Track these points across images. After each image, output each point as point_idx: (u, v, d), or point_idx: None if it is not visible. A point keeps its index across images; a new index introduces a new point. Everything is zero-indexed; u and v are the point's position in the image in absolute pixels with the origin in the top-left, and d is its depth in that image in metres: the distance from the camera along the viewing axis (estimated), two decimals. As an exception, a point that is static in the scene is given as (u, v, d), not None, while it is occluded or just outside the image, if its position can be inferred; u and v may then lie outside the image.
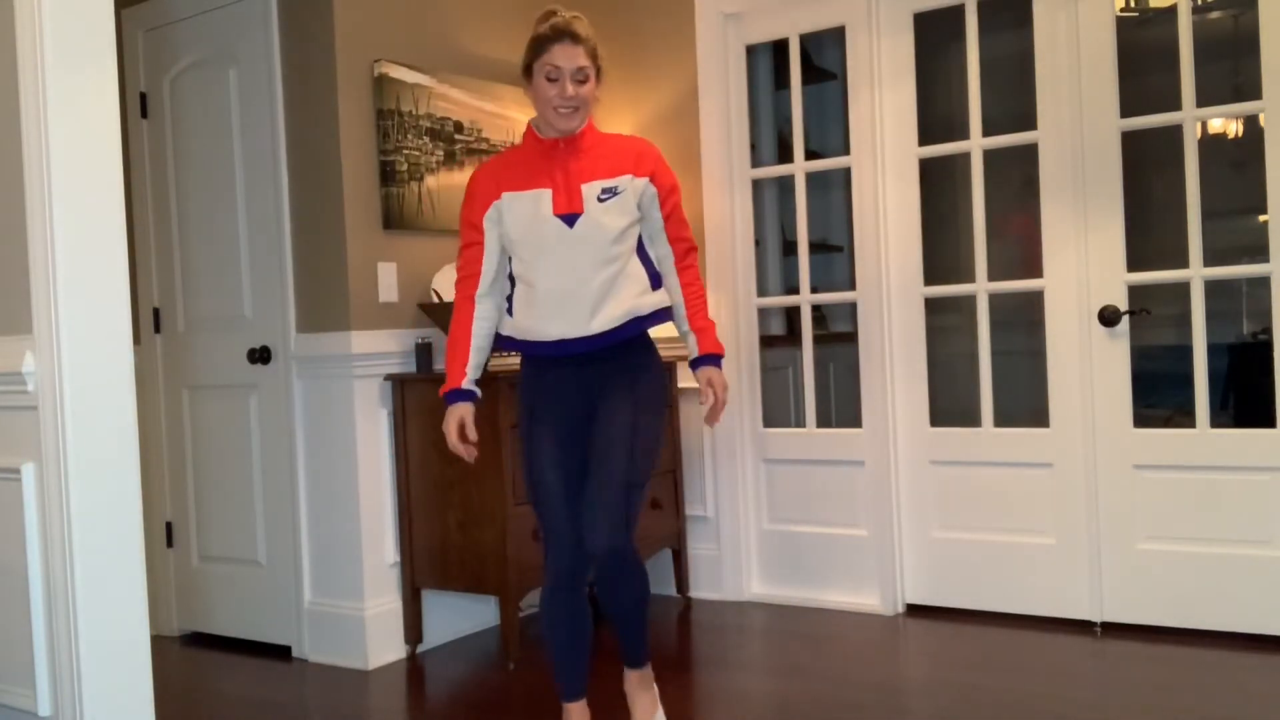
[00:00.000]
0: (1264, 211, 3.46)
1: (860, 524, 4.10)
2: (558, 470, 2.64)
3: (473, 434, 2.66)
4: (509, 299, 2.70)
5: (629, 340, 2.67)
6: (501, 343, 2.74)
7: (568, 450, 2.65)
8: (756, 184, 4.38)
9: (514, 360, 3.90)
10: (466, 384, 2.66)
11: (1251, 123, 5.23)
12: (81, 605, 2.50)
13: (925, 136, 3.99)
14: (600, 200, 2.60)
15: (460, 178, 4.04)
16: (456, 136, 4.03)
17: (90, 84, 2.55)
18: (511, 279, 2.69)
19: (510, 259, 2.69)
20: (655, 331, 4.40)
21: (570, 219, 2.59)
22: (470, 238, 2.70)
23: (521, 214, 2.62)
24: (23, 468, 2.56)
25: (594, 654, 2.81)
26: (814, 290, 4.26)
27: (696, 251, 2.78)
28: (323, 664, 3.77)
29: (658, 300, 2.69)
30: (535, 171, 2.63)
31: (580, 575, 2.67)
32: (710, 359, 2.73)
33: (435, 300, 3.84)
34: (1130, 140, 3.65)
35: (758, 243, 4.40)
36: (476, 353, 2.68)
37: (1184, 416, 3.81)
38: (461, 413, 2.66)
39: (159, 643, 3.96)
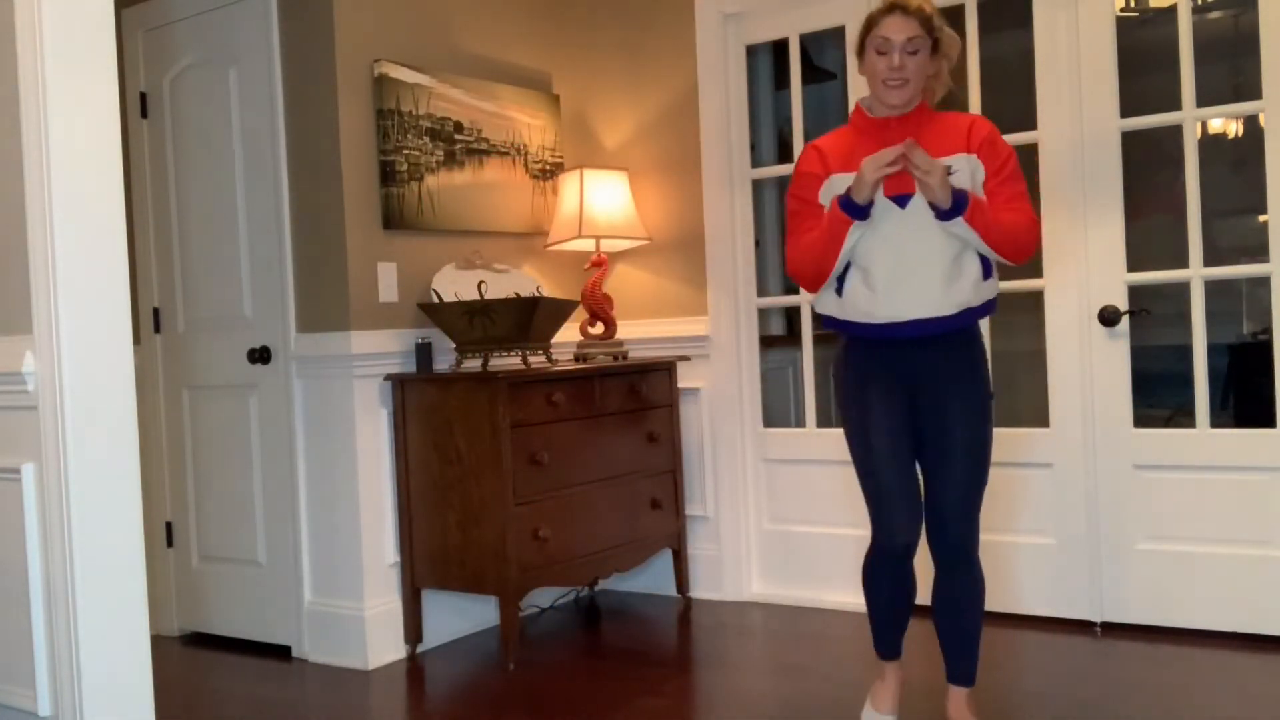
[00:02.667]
0: (1264, 211, 3.46)
1: (861, 524, 4.09)
2: (892, 437, 2.61)
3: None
4: (840, 280, 2.61)
5: (962, 330, 2.62)
6: (826, 322, 2.70)
7: (902, 425, 2.62)
8: (756, 184, 4.38)
9: (513, 360, 3.91)
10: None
11: (1251, 123, 5.23)
12: (81, 605, 2.50)
13: (925, 136, 3.98)
14: None
15: (460, 178, 4.04)
16: (456, 136, 4.03)
17: (90, 84, 2.55)
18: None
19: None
20: (663, 329, 4.41)
21: (902, 199, 2.51)
22: (807, 209, 2.61)
23: None
24: (23, 468, 2.56)
25: (600, 657, 2.79)
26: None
27: (1034, 228, 2.56)
28: (323, 664, 3.77)
29: (989, 290, 2.61)
30: (863, 152, 2.54)
31: (911, 547, 2.64)
32: (958, 198, 2.46)
33: (435, 300, 3.84)
34: (1130, 140, 3.65)
35: (757, 243, 4.40)
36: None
37: (1184, 416, 3.81)
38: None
39: (159, 643, 3.96)
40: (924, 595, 3.60)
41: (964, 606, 2.70)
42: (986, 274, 2.59)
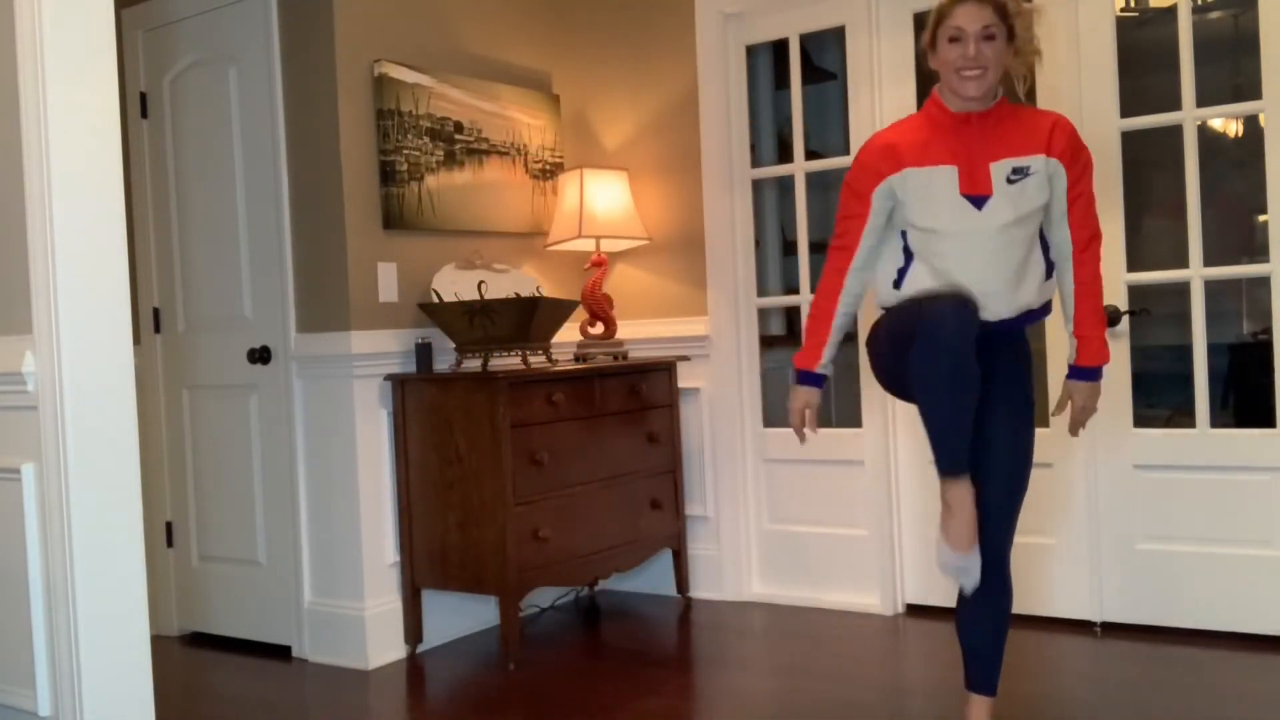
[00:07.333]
0: (1264, 211, 3.46)
1: (860, 524, 4.09)
2: None
3: (814, 424, 2.68)
4: (900, 272, 2.52)
5: (1017, 332, 2.54)
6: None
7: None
8: (756, 184, 4.38)
9: (514, 360, 3.91)
10: (821, 368, 2.62)
11: (1251, 123, 5.23)
12: (81, 605, 2.50)
13: (925, 136, 3.98)
14: (1010, 181, 2.42)
15: (460, 178, 4.04)
16: (456, 136, 4.03)
17: (90, 84, 2.55)
18: (907, 252, 2.51)
19: (904, 233, 2.51)
20: (663, 330, 4.40)
21: (978, 200, 2.41)
22: (853, 209, 2.53)
23: (923, 191, 2.44)
24: (23, 468, 2.56)
25: (600, 657, 2.77)
26: (814, 290, 4.25)
27: (1100, 240, 2.52)
28: (323, 664, 3.77)
29: (1049, 291, 2.54)
30: (939, 146, 2.44)
31: (970, 338, 2.33)
32: (1084, 373, 2.54)
33: (435, 300, 3.84)
34: (1130, 140, 3.65)
35: (758, 243, 4.40)
36: (837, 332, 2.59)
37: (1184, 416, 3.81)
38: (808, 398, 2.65)
39: (159, 643, 3.96)
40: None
41: (992, 611, 2.57)
42: (1048, 275, 2.54)
